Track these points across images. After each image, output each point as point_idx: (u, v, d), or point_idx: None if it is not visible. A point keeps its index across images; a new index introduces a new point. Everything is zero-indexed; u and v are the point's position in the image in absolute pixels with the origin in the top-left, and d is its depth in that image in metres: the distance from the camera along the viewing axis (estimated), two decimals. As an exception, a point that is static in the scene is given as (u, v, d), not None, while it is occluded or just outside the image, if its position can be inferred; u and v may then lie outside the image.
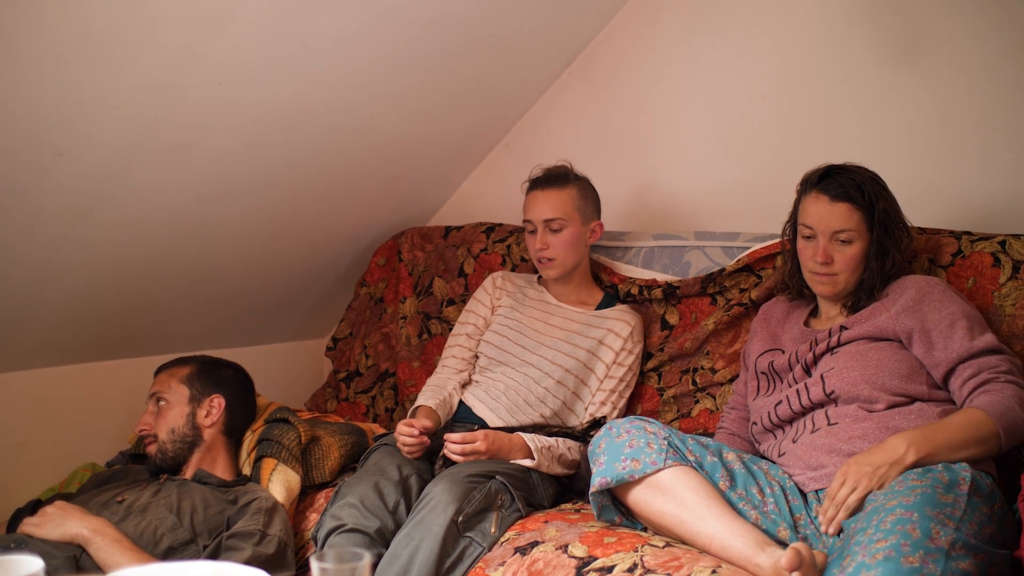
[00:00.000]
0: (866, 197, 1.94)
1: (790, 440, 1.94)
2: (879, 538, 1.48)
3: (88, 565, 1.89)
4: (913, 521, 1.49)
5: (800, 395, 1.95)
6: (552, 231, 2.45)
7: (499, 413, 2.39)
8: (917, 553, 1.43)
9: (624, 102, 2.89)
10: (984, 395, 1.78)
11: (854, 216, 1.94)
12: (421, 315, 2.93)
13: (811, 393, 1.93)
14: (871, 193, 1.95)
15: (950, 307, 1.88)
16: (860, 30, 2.49)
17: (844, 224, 1.94)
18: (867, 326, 1.92)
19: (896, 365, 1.87)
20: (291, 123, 2.39)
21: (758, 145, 2.67)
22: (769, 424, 2.01)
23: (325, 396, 3.03)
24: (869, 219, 1.95)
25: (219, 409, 2.28)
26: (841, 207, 1.94)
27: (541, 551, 1.88)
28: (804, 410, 1.94)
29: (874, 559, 1.44)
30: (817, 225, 1.97)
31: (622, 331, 2.46)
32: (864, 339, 1.92)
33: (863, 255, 1.96)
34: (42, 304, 2.38)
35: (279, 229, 2.74)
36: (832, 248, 1.96)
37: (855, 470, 1.69)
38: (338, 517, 2.05)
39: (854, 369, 1.88)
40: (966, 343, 1.84)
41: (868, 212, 1.94)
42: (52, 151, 2.03)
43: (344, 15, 2.17)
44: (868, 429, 1.83)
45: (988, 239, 2.10)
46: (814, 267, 1.99)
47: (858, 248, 1.95)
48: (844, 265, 1.96)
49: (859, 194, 1.94)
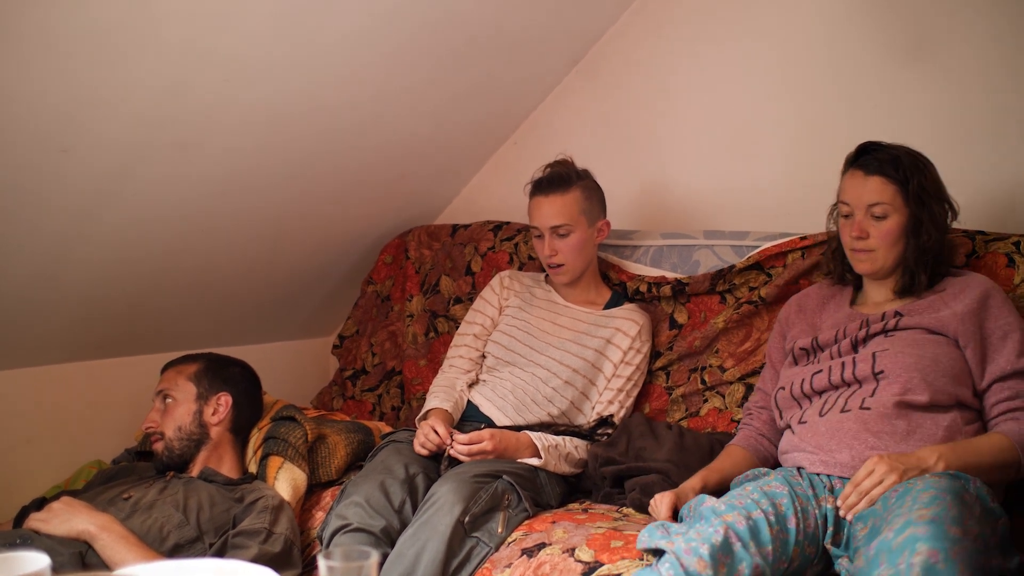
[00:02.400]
0: (900, 172, 1.93)
1: (816, 412, 1.91)
2: (920, 506, 1.52)
3: (94, 561, 1.89)
4: (948, 502, 1.53)
5: (844, 367, 1.92)
6: (559, 236, 2.43)
7: (506, 412, 2.38)
8: (956, 527, 1.47)
9: (632, 100, 2.88)
10: (1012, 422, 1.81)
11: (888, 190, 1.93)
12: (428, 313, 2.93)
13: (857, 369, 1.90)
14: (907, 168, 1.94)
15: (1007, 317, 1.88)
16: (867, 30, 2.48)
17: (878, 197, 1.93)
18: (927, 318, 1.91)
19: (950, 364, 1.86)
20: (297, 120, 2.38)
21: (767, 144, 2.66)
22: (799, 393, 1.98)
23: (331, 394, 3.03)
24: (904, 193, 1.93)
25: (226, 407, 2.28)
26: (875, 180, 1.94)
27: (548, 554, 1.87)
28: (844, 383, 1.92)
29: (920, 518, 1.48)
30: (852, 200, 1.97)
31: (630, 330, 2.45)
32: (922, 329, 1.90)
33: (900, 230, 1.94)
34: (48, 301, 2.38)
35: (286, 227, 2.74)
36: (867, 223, 1.95)
37: (885, 465, 1.69)
38: (343, 516, 2.04)
39: (909, 356, 1.86)
40: (1012, 359, 1.84)
41: (903, 186, 1.93)
42: (57, 148, 2.02)
43: (351, 12, 2.17)
44: (898, 429, 1.81)
45: (1003, 239, 2.09)
46: (851, 243, 1.98)
47: (894, 223, 1.94)
48: (880, 240, 1.95)
49: (893, 169, 1.94)
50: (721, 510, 1.64)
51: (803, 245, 2.35)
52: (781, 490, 1.73)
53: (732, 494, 1.73)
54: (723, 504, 1.67)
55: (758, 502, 1.67)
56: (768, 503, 1.68)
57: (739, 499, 1.68)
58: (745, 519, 1.62)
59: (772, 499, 1.69)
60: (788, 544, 1.65)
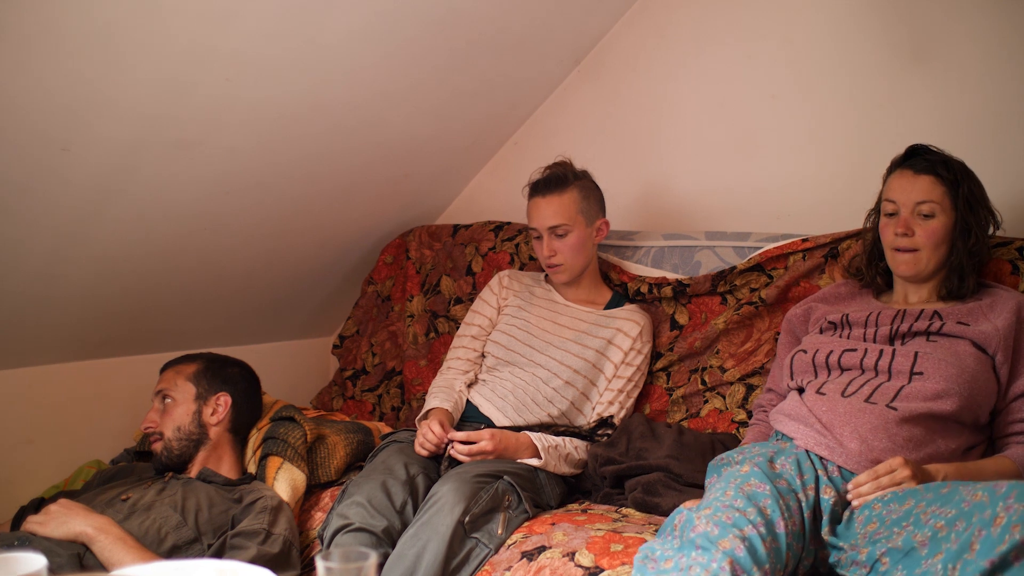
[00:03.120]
0: (952, 173, 1.93)
1: (839, 390, 1.87)
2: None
3: (92, 563, 1.88)
4: None
5: (882, 355, 1.89)
6: (558, 236, 2.43)
7: (506, 412, 2.37)
8: None
9: (634, 101, 2.88)
10: (1019, 447, 1.81)
11: (937, 189, 1.92)
12: (428, 313, 2.92)
13: (895, 361, 1.87)
14: (957, 171, 1.93)
15: None
16: (870, 31, 2.48)
17: (927, 195, 1.92)
18: (973, 330, 1.88)
19: (985, 385, 1.84)
20: (299, 120, 2.38)
21: (769, 145, 2.65)
22: (823, 362, 1.94)
23: (331, 394, 3.03)
24: (953, 195, 1.92)
25: (225, 407, 2.27)
26: (925, 179, 1.93)
27: (548, 557, 1.87)
28: (875, 371, 1.88)
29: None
30: (900, 197, 1.95)
31: (631, 331, 2.44)
32: (967, 340, 1.88)
33: (944, 232, 1.93)
34: (47, 301, 2.37)
35: (286, 226, 2.73)
36: (914, 221, 1.94)
37: (908, 469, 1.68)
38: (345, 516, 2.04)
39: (953, 366, 1.83)
40: None
41: (952, 187, 1.92)
42: (59, 147, 2.02)
43: (352, 10, 2.16)
44: (914, 436, 1.78)
45: (1005, 245, 2.08)
46: (894, 241, 1.96)
47: (940, 223, 1.93)
48: (926, 240, 1.93)
49: (944, 169, 1.93)
50: (715, 535, 1.57)
51: (804, 247, 2.35)
52: (762, 489, 1.66)
53: (715, 503, 1.65)
54: (715, 526, 1.59)
55: (746, 513, 1.61)
56: (755, 511, 1.61)
57: (726, 514, 1.61)
58: (741, 541, 1.56)
59: (757, 504, 1.63)
60: (781, 552, 1.60)
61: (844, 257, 2.28)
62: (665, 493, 2.07)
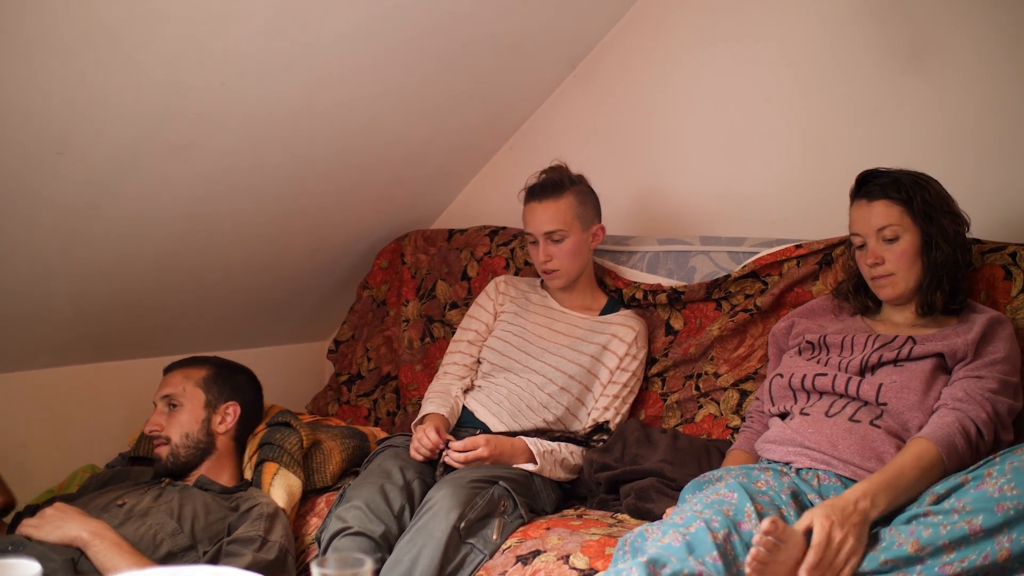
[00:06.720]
0: (903, 192, 1.94)
1: (822, 411, 1.89)
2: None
3: (87, 568, 1.87)
4: None
5: (850, 383, 1.91)
6: (554, 242, 2.43)
7: (501, 418, 2.37)
8: None
9: (630, 105, 2.88)
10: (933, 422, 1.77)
11: (893, 211, 1.94)
12: (424, 318, 2.92)
13: (862, 390, 1.89)
14: (908, 187, 1.94)
15: (1004, 350, 1.86)
16: (866, 35, 2.48)
17: (885, 220, 1.94)
18: (942, 344, 1.89)
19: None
20: (294, 122, 2.38)
21: (764, 149, 2.66)
22: (799, 386, 1.97)
23: (326, 399, 3.02)
24: (911, 212, 1.94)
25: (234, 416, 2.25)
26: (879, 204, 1.95)
27: (543, 561, 1.87)
28: (847, 396, 1.91)
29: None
30: (862, 229, 1.97)
31: (626, 336, 2.44)
32: (933, 357, 1.88)
33: (914, 250, 1.94)
34: (41, 304, 2.36)
35: (281, 229, 2.73)
36: (880, 248, 1.96)
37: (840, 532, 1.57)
38: (344, 519, 2.04)
39: (915, 392, 1.84)
40: (988, 386, 1.81)
41: (907, 205, 1.94)
42: (53, 151, 2.01)
43: (348, 13, 2.16)
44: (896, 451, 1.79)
45: (998, 250, 2.09)
46: (870, 272, 1.98)
47: (907, 243, 1.94)
48: (896, 263, 1.95)
49: (895, 190, 1.94)
50: (656, 536, 1.55)
51: (798, 254, 2.35)
52: (731, 497, 1.64)
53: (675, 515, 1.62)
54: (660, 530, 1.57)
55: (701, 513, 1.58)
56: (713, 512, 1.59)
57: (679, 515, 1.59)
58: (682, 536, 1.53)
59: (720, 508, 1.60)
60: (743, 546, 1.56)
61: (838, 264, 2.29)
62: (658, 499, 2.07)
